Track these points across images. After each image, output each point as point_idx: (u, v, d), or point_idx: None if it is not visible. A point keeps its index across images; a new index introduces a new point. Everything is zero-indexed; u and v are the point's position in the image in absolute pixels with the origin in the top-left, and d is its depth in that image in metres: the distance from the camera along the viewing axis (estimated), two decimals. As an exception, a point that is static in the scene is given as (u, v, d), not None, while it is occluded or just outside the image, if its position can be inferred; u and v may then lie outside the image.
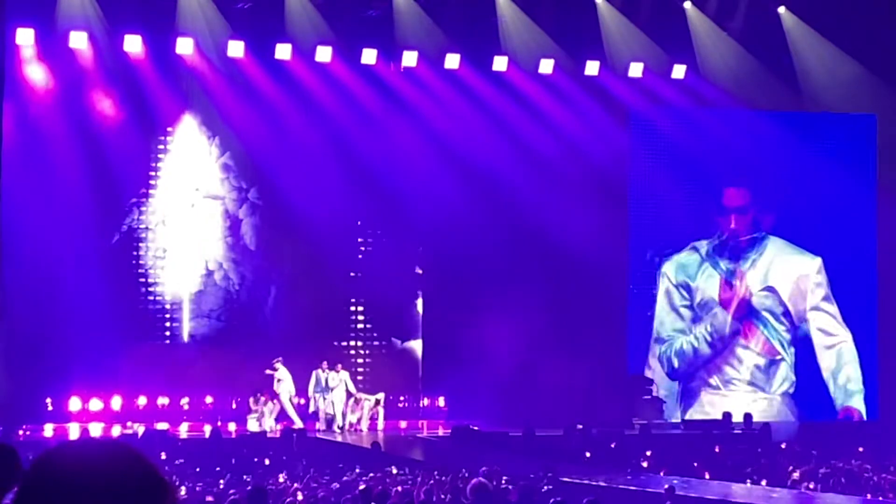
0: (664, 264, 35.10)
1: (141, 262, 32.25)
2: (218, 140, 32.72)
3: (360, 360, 33.30)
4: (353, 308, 33.69)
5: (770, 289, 35.45)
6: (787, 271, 35.60)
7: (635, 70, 33.80)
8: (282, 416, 30.85)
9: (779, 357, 35.38)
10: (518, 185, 33.33)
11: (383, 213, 33.78)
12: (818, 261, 35.55)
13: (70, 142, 31.00)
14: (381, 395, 31.36)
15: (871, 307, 35.57)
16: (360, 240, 33.88)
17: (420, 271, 33.99)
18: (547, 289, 32.90)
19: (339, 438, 29.75)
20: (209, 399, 31.52)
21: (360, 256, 33.84)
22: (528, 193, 33.33)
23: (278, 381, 30.79)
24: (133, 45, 30.77)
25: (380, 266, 33.53)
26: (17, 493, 2.79)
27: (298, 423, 30.15)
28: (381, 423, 31.18)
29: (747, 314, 35.29)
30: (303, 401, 31.33)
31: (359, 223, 33.87)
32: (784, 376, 35.34)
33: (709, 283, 35.36)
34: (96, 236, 31.47)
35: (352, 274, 33.65)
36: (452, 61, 32.83)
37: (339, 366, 31.31)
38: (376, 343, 33.70)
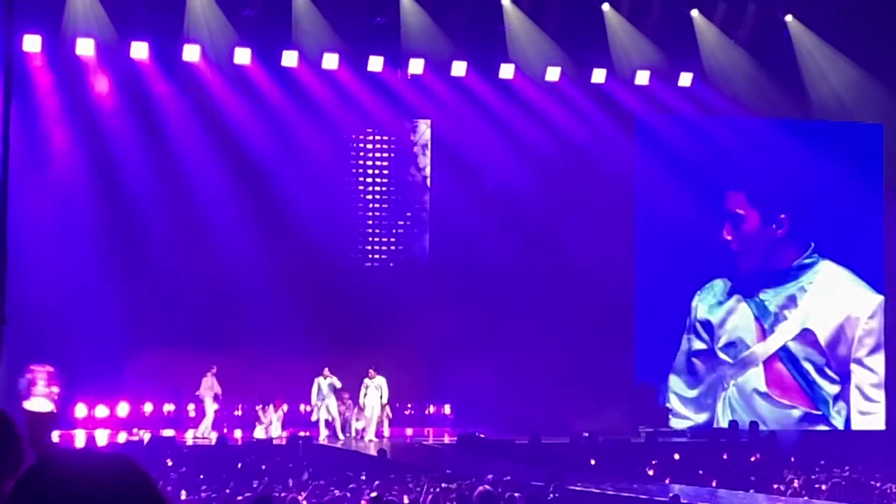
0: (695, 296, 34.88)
1: (148, 267, 32.18)
2: (226, 146, 32.69)
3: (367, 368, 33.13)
4: (361, 316, 33.58)
5: (807, 331, 35.14)
6: (831, 310, 35.30)
7: (642, 78, 33.77)
8: (286, 422, 30.84)
9: (818, 413, 34.96)
10: (524, 192, 33.32)
11: (391, 220, 33.80)
12: (877, 300, 35.33)
13: (76, 148, 31.04)
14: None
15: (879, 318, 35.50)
16: (367, 247, 33.87)
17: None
18: (553, 295, 32.88)
19: (366, 448, 29.68)
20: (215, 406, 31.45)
21: (367, 264, 33.82)
22: (534, 200, 33.32)
23: (207, 388, 30.59)
24: (140, 51, 30.78)
25: (388, 274, 33.49)
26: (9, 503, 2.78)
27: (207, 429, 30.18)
28: (386, 431, 31.13)
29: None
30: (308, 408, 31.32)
31: (369, 230, 33.88)
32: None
33: (739, 322, 35.02)
34: (102, 242, 31.43)
35: (360, 281, 33.56)
36: (459, 69, 32.82)
37: (372, 371, 30.96)
38: (383, 350, 33.55)
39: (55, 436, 27.58)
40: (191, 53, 31.20)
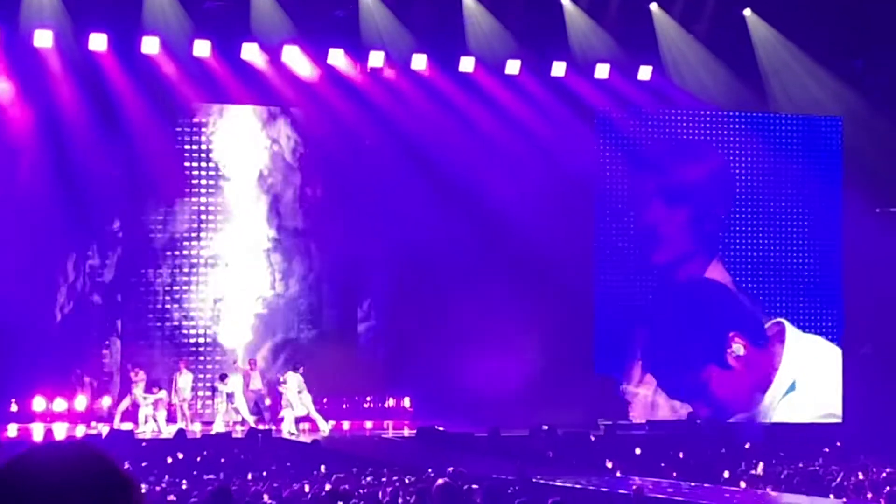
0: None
1: (109, 259, 32.05)
2: (186, 139, 32.60)
3: (324, 360, 33.04)
4: (319, 307, 33.54)
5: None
6: None
7: (601, 71, 33.83)
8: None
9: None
10: (485, 186, 33.26)
11: (350, 213, 33.71)
12: None
13: (35, 142, 30.83)
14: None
15: (836, 307, 35.69)
16: (327, 238, 33.75)
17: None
18: (513, 289, 32.88)
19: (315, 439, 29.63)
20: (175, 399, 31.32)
21: (327, 256, 33.71)
22: (494, 194, 33.26)
23: (176, 388, 30.67)
24: (98, 43, 30.58)
25: (347, 265, 33.41)
26: None
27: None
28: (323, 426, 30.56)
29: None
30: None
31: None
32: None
33: None
34: (63, 237, 31.28)
35: (320, 277, 33.49)
36: (419, 62, 32.79)
37: (287, 373, 30.97)
38: (340, 342, 33.51)
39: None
40: (150, 46, 31.03)
